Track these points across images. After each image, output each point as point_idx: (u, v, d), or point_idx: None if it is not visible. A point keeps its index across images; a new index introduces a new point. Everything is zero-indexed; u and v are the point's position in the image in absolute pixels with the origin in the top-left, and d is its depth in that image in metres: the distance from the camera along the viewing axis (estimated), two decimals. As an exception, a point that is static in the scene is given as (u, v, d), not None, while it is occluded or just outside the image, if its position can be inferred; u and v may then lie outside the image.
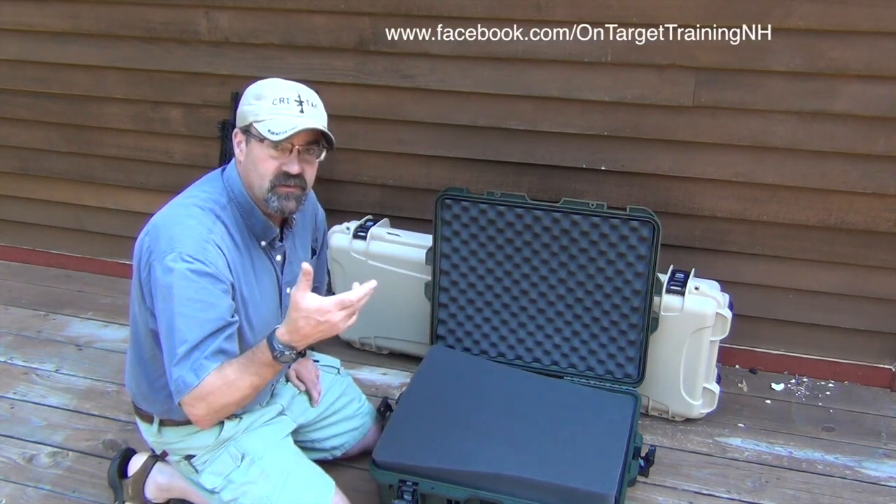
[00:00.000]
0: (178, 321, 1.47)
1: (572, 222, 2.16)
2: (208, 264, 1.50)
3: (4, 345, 2.73)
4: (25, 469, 2.13)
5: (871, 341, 2.43)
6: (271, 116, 1.52)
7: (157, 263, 1.50)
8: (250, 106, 1.55)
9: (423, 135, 2.53)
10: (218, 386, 1.47)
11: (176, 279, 1.47)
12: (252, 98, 1.56)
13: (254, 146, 1.56)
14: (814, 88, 2.12)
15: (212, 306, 1.49)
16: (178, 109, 2.78)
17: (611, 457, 1.83)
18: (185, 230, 1.52)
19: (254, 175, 1.57)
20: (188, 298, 1.47)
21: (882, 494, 2.01)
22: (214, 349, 1.48)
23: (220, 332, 1.50)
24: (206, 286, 1.49)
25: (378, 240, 2.46)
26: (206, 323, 1.48)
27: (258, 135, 1.53)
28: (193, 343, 1.47)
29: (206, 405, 1.48)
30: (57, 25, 2.75)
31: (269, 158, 1.55)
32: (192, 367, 1.46)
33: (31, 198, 3.19)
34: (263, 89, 1.56)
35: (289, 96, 1.55)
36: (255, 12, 2.50)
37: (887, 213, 2.22)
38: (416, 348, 2.52)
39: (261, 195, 1.58)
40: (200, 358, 1.47)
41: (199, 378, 1.46)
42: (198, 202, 1.58)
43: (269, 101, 1.54)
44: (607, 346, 2.23)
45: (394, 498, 1.80)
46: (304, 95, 1.57)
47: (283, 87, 1.57)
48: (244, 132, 1.58)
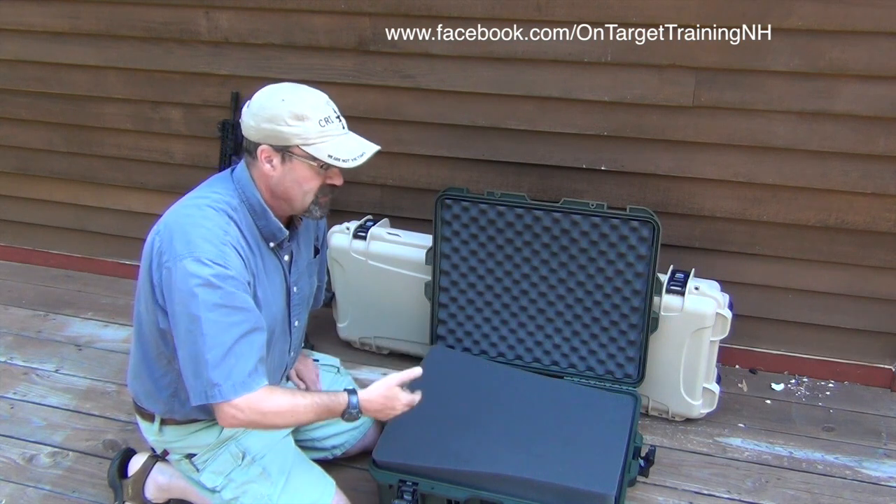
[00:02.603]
0: (207, 327, 1.46)
1: (572, 222, 2.16)
2: (229, 267, 1.50)
3: (4, 345, 2.73)
4: (25, 469, 2.13)
5: (871, 341, 2.43)
6: (324, 139, 1.54)
7: (174, 266, 1.48)
8: (292, 128, 1.52)
9: (423, 135, 2.54)
10: (285, 408, 1.54)
11: (199, 285, 1.46)
12: (291, 119, 1.52)
13: (298, 166, 1.56)
14: (814, 88, 2.12)
15: (238, 310, 1.50)
16: (178, 109, 2.78)
17: (611, 457, 1.83)
18: (202, 232, 1.51)
19: (296, 192, 1.59)
20: (214, 304, 1.47)
21: (882, 494, 2.01)
22: (257, 358, 1.52)
23: (252, 334, 1.51)
24: (230, 291, 1.49)
25: (378, 240, 2.46)
26: (232, 326, 1.49)
27: (311, 158, 1.54)
28: (227, 347, 1.47)
29: (259, 417, 1.52)
30: (57, 25, 2.75)
31: (316, 177, 1.58)
32: (229, 374, 1.48)
33: (31, 198, 3.19)
34: (302, 108, 1.53)
35: (329, 115, 1.56)
36: (255, 12, 2.50)
37: (887, 213, 2.22)
38: (416, 348, 2.52)
39: (302, 207, 1.61)
40: (243, 365, 1.49)
41: (249, 389, 1.49)
42: (210, 203, 1.58)
43: (314, 123, 1.53)
44: (607, 346, 2.23)
45: (394, 498, 1.80)
46: (335, 108, 1.60)
47: (320, 103, 1.56)
48: (279, 150, 1.56)
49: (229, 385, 1.48)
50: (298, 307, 1.81)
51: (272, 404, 1.52)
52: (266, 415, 1.52)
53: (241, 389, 1.49)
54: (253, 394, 1.50)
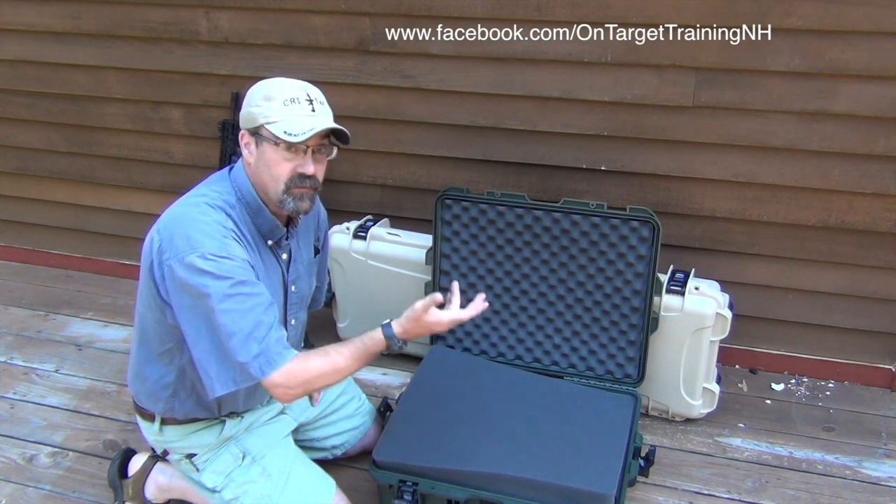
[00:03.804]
0: (222, 318, 1.45)
1: (572, 222, 2.16)
2: (234, 258, 1.49)
3: (4, 345, 2.73)
4: (25, 469, 2.13)
5: (871, 341, 2.43)
6: (284, 117, 1.52)
7: (176, 264, 1.47)
8: (259, 107, 1.54)
9: (423, 135, 2.54)
10: (327, 369, 1.53)
11: (206, 279, 1.45)
12: (260, 99, 1.54)
13: (266, 148, 1.55)
14: (814, 88, 2.12)
15: (249, 296, 1.49)
16: (178, 109, 2.78)
17: (611, 457, 1.83)
18: (202, 227, 1.51)
19: (267, 177, 1.57)
20: (225, 295, 1.46)
21: (882, 494, 2.01)
22: (279, 335, 1.51)
23: (267, 313, 1.50)
24: (240, 279, 1.48)
25: (378, 240, 2.46)
26: (248, 312, 1.47)
27: (272, 136, 1.53)
28: (246, 332, 1.46)
29: (306, 385, 1.52)
30: (57, 25, 2.75)
31: (284, 161, 1.55)
32: (257, 355, 1.47)
33: (31, 198, 3.19)
34: (271, 90, 1.55)
35: (298, 96, 1.54)
36: (255, 12, 2.50)
37: (887, 213, 2.22)
38: (416, 348, 2.52)
39: (275, 197, 1.58)
40: (267, 345, 1.48)
41: (280, 363, 1.48)
42: (208, 200, 1.57)
43: (279, 102, 1.53)
44: (607, 346, 2.23)
45: (394, 498, 1.80)
46: (313, 94, 1.58)
47: (292, 86, 1.56)
48: (252, 134, 1.57)
49: (256, 365, 1.47)
50: (295, 306, 1.81)
51: (312, 369, 1.52)
52: (310, 381, 1.52)
53: (274, 365, 1.48)
54: (288, 365, 1.49)
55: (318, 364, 1.53)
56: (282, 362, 1.48)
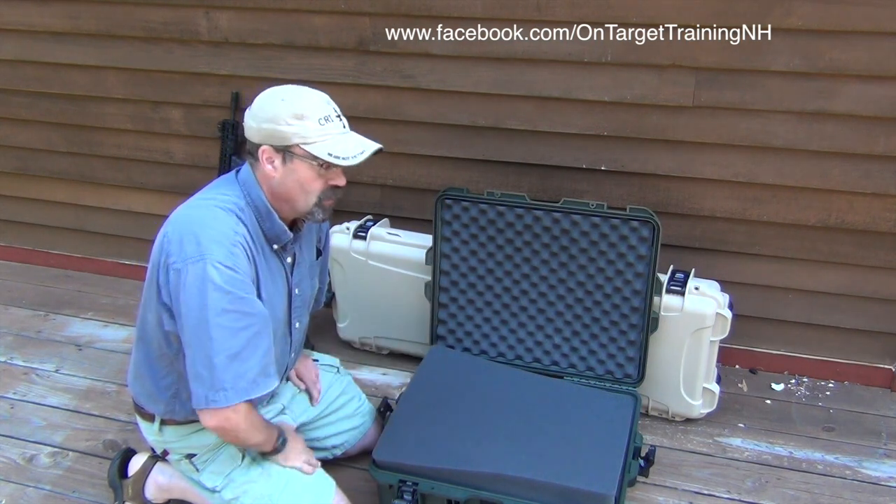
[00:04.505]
0: (215, 331, 1.47)
1: (572, 222, 2.16)
2: (239, 271, 1.50)
3: (4, 345, 2.73)
4: (25, 469, 2.13)
5: (871, 341, 2.43)
6: (324, 139, 1.53)
7: (183, 268, 1.47)
8: (291, 126, 1.51)
9: (423, 135, 2.54)
10: (257, 440, 1.66)
11: (209, 289, 1.46)
12: (290, 118, 1.51)
13: (299, 166, 1.54)
14: (814, 88, 2.12)
15: (246, 315, 1.51)
16: (178, 109, 2.78)
17: (611, 457, 1.83)
18: (212, 234, 1.50)
19: (297, 192, 1.58)
20: (223, 309, 1.47)
21: (882, 494, 2.01)
22: (263, 364, 1.55)
23: (258, 338, 1.53)
24: (240, 296, 1.49)
25: (378, 240, 2.46)
26: (240, 332, 1.49)
27: (309, 156, 1.53)
28: (233, 352, 1.48)
29: (248, 425, 1.59)
30: (57, 25, 2.75)
31: (318, 178, 1.56)
32: (236, 381, 1.50)
33: (31, 198, 3.19)
34: (300, 107, 1.52)
35: (329, 114, 1.55)
36: (255, 12, 2.50)
37: (887, 213, 2.22)
38: (416, 348, 2.52)
39: (304, 209, 1.60)
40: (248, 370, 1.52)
41: (250, 394, 1.53)
42: (219, 204, 1.57)
43: (314, 122, 1.52)
44: (607, 346, 2.23)
45: (394, 498, 1.80)
46: (336, 107, 1.59)
47: (318, 101, 1.56)
48: (282, 151, 1.55)
49: (233, 391, 1.50)
50: (300, 309, 1.81)
51: (257, 418, 1.63)
52: (253, 424, 1.60)
53: (244, 395, 1.51)
54: (251, 401, 1.54)
55: (256, 426, 1.63)
56: (250, 395, 1.53)
